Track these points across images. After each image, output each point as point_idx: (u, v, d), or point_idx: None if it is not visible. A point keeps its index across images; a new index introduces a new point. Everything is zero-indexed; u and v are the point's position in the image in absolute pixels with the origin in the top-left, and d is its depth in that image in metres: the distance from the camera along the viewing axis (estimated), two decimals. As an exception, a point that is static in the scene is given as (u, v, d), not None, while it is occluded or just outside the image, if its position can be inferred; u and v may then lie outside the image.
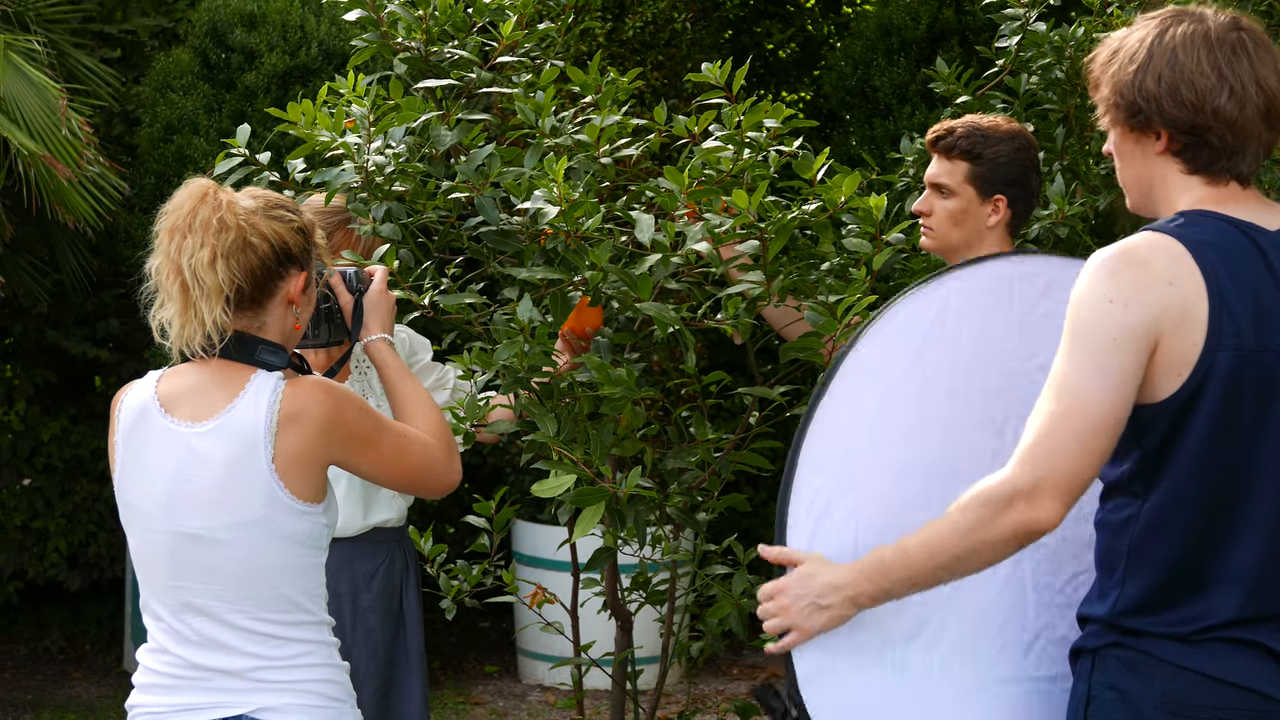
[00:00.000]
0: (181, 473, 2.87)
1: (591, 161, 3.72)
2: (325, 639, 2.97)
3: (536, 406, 3.52)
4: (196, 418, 2.88)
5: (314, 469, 2.89)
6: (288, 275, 2.92)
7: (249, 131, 3.86)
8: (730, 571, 3.97)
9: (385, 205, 3.66)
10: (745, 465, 3.80)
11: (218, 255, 2.83)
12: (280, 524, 2.87)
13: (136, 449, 2.91)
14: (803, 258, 3.73)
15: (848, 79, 7.89)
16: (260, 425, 2.84)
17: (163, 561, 2.90)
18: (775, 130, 3.71)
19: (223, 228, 2.84)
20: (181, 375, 2.93)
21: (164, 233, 2.89)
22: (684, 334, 3.45)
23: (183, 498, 2.87)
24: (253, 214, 2.88)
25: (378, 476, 3.01)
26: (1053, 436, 2.59)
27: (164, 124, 7.19)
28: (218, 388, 2.88)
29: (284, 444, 2.85)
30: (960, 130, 3.96)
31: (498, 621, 8.38)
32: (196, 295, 2.83)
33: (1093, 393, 2.58)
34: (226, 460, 2.85)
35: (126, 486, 2.93)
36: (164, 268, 2.87)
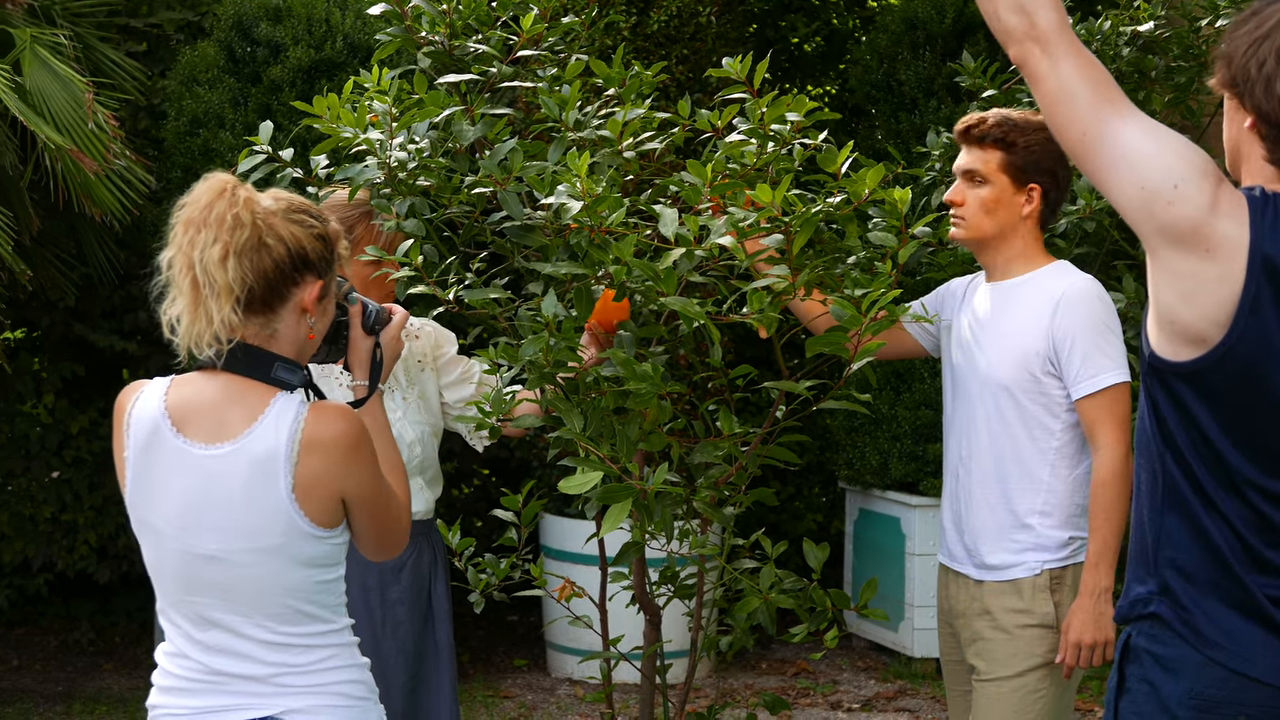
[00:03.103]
0: (196, 495, 2.81)
1: (615, 156, 3.71)
2: (346, 641, 2.95)
3: (562, 401, 3.52)
4: (210, 439, 2.81)
5: (332, 496, 2.83)
6: (302, 282, 2.84)
7: (272, 128, 3.87)
8: (758, 566, 3.97)
9: (409, 200, 3.66)
10: (772, 459, 3.80)
11: (230, 252, 2.75)
12: (298, 549, 2.82)
13: (147, 467, 2.85)
14: (828, 251, 3.73)
15: (873, 73, 7.87)
16: (280, 451, 2.78)
17: (177, 578, 2.86)
18: (799, 124, 3.71)
19: (237, 224, 2.76)
20: (192, 388, 2.86)
21: (179, 225, 2.82)
22: (709, 328, 3.44)
23: (198, 520, 2.82)
24: (271, 214, 2.81)
25: (357, 519, 2.90)
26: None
27: (189, 118, 7.20)
28: (233, 406, 2.82)
29: (304, 470, 2.79)
30: (993, 120, 3.95)
31: (526, 615, 8.39)
32: (206, 292, 2.75)
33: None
34: (244, 485, 2.79)
35: (138, 503, 2.87)
36: (176, 261, 2.80)
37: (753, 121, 3.70)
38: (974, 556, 4.03)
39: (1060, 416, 3.91)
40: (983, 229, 3.97)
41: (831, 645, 3.89)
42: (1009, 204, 3.96)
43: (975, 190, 3.97)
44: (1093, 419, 3.85)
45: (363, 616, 3.94)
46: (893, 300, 3.46)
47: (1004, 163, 3.95)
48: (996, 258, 4.01)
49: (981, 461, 3.99)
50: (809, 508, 8.71)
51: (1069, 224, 4.39)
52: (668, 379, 3.48)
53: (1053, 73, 2.61)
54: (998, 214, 3.96)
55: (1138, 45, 4.94)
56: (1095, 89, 2.59)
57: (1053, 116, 2.62)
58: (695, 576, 4.27)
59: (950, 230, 4.01)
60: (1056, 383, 3.89)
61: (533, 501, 4.19)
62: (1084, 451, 3.92)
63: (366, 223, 3.95)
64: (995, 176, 3.95)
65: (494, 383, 4.00)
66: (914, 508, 7.39)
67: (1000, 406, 3.94)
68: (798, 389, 3.64)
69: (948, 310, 4.13)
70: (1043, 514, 3.94)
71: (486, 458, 8.05)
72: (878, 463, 7.50)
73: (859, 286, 3.49)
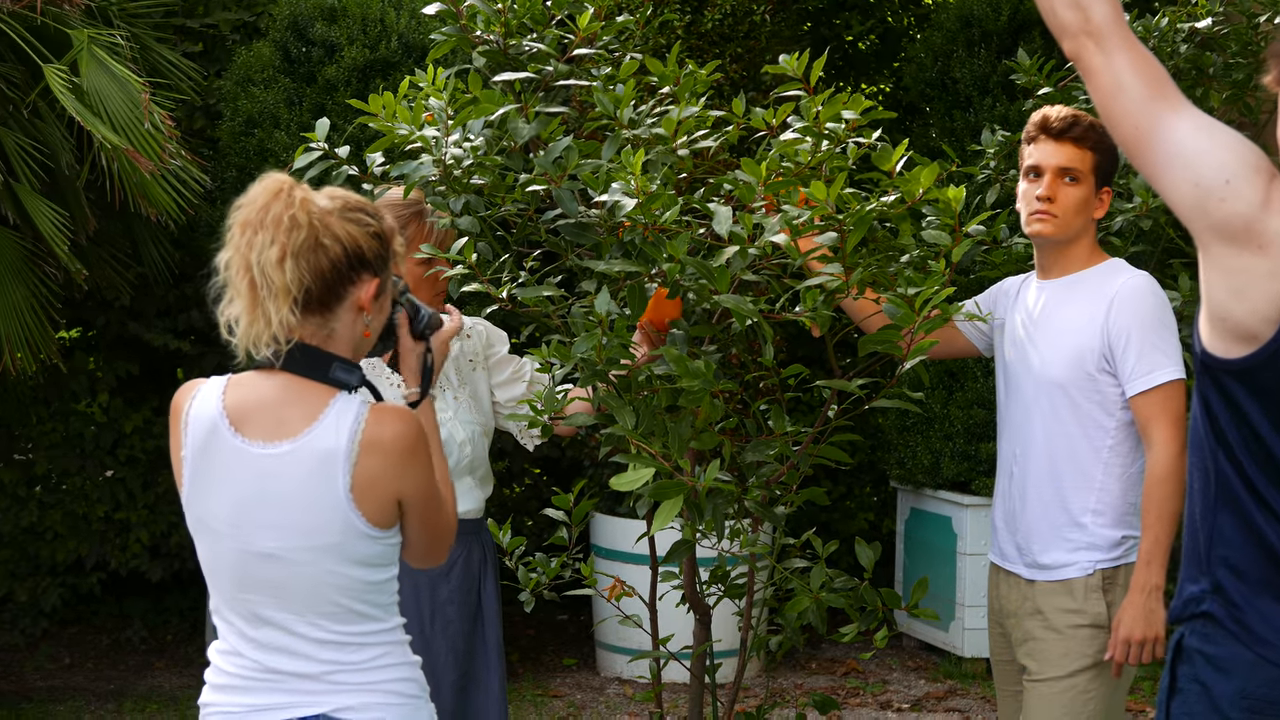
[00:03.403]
0: (253, 493, 2.83)
1: (669, 154, 3.72)
2: (399, 639, 2.96)
3: (614, 399, 3.53)
4: (269, 437, 2.83)
5: (389, 497, 2.85)
6: (359, 280, 2.85)
7: (328, 125, 3.89)
8: (809, 565, 3.97)
9: (463, 198, 3.68)
10: (824, 459, 3.80)
11: (287, 254, 2.76)
12: (353, 549, 2.84)
13: (205, 466, 2.87)
14: (881, 250, 3.73)
15: (928, 71, 7.86)
16: (340, 450, 2.80)
17: (231, 575, 2.88)
18: (854, 122, 3.71)
19: (294, 225, 2.77)
20: (250, 387, 2.88)
21: (236, 227, 2.82)
22: (762, 326, 3.45)
23: (254, 518, 2.84)
24: (328, 214, 2.82)
25: (410, 522, 2.92)
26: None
27: (245, 118, 7.25)
28: (291, 406, 2.84)
29: (363, 470, 2.81)
30: (1084, 119, 3.96)
31: (576, 614, 8.40)
32: (264, 294, 2.76)
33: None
34: (302, 484, 2.82)
35: (195, 501, 2.89)
36: (233, 263, 2.81)
37: (807, 119, 3.70)
38: (1026, 556, 4.03)
39: (1114, 414, 3.90)
40: (1072, 227, 3.98)
41: (881, 645, 3.89)
42: (1090, 204, 3.98)
43: (1069, 188, 3.96)
44: (1147, 416, 3.84)
45: (413, 615, 3.96)
46: (946, 299, 3.45)
47: (1095, 164, 3.97)
48: (1060, 256, 4.00)
49: (1035, 460, 3.98)
50: (860, 507, 8.70)
51: (1125, 222, 4.37)
52: (720, 377, 3.48)
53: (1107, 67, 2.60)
54: (1084, 214, 3.98)
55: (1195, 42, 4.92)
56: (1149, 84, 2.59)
57: (1107, 112, 2.62)
58: (746, 576, 4.27)
59: (1034, 226, 3.99)
60: (1111, 380, 3.88)
61: (584, 501, 4.19)
62: (1138, 450, 3.91)
63: (420, 221, 3.97)
64: (1088, 177, 3.97)
65: (546, 381, 4.01)
66: (965, 507, 7.37)
67: (1054, 404, 3.93)
68: (850, 388, 3.65)
69: (1001, 309, 4.13)
70: (1096, 513, 3.93)
71: (537, 457, 8.07)
72: (930, 462, 7.49)
73: (912, 285, 3.49)
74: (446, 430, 4.00)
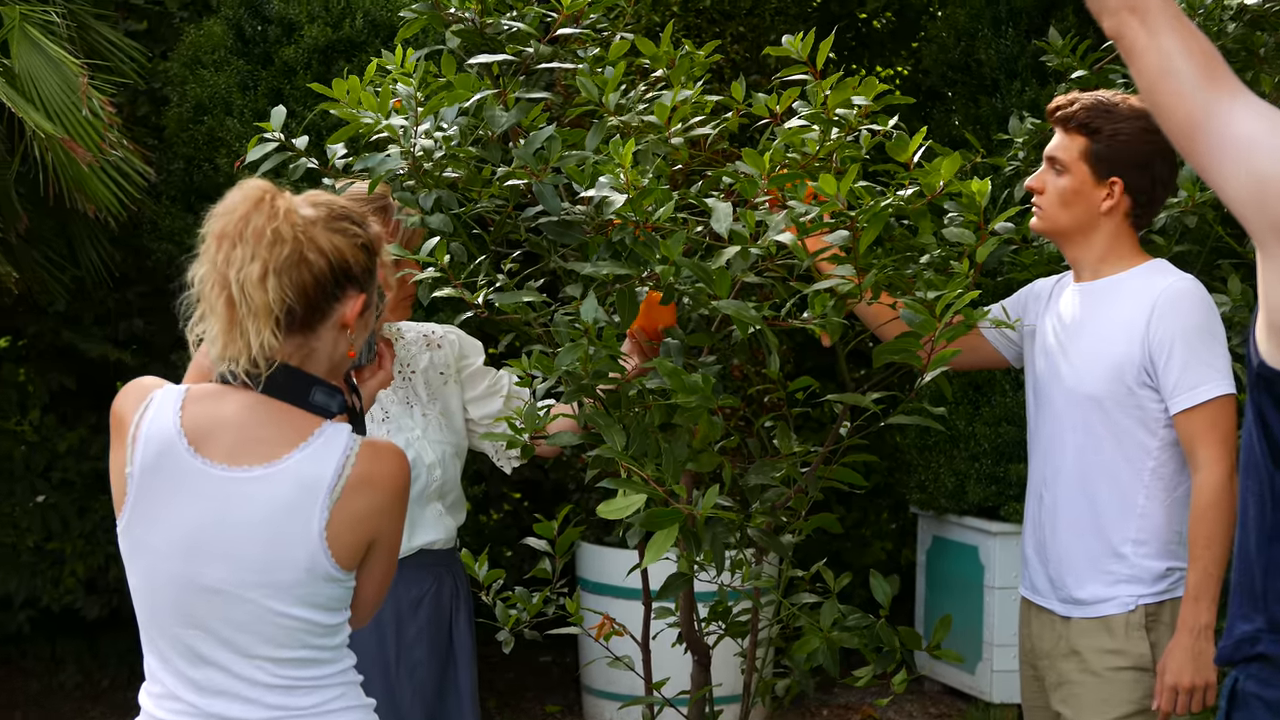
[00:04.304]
0: (209, 519, 2.83)
1: (663, 144, 3.72)
2: (351, 679, 2.97)
3: (602, 417, 3.52)
4: (236, 460, 2.83)
5: (364, 539, 2.86)
6: (344, 297, 2.86)
7: (285, 113, 3.89)
8: (819, 600, 3.97)
9: (435, 194, 3.68)
10: (835, 481, 3.80)
11: (269, 270, 2.76)
12: (313, 589, 2.84)
13: (155, 486, 2.85)
14: (899, 250, 3.73)
15: (950, 52, 7.87)
16: (323, 484, 2.81)
17: (172, 610, 2.87)
18: (867, 108, 3.71)
19: (277, 239, 2.77)
20: (211, 403, 2.87)
21: (211, 238, 2.81)
22: (766, 335, 3.44)
23: (206, 547, 2.83)
24: (312, 225, 2.81)
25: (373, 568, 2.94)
26: None
27: (194, 103, 7.25)
28: (266, 428, 2.84)
29: (346, 508, 2.82)
30: (1083, 102, 3.96)
31: (560, 656, 8.40)
32: (243, 313, 2.77)
33: None
34: (270, 515, 2.81)
35: (137, 524, 2.87)
36: (209, 278, 2.80)
37: (815, 106, 3.71)
38: (1060, 590, 4.03)
39: (1157, 433, 3.90)
40: (1058, 222, 3.99)
41: (900, 689, 3.89)
42: (1087, 197, 3.96)
43: (1055, 179, 3.98)
44: (1193, 435, 3.84)
45: (375, 657, 3.95)
46: (970, 303, 3.45)
47: (1085, 151, 3.95)
48: (1082, 255, 4.01)
49: (1068, 484, 3.98)
50: (876, 535, 8.70)
51: (1168, 219, 4.38)
52: (719, 392, 3.48)
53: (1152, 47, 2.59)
54: (1074, 207, 3.96)
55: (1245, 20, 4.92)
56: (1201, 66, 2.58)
57: (1152, 97, 2.61)
58: (749, 612, 4.27)
59: (1030, 221, 4.02)
60: (1152, 395, 3.88)
61: (569, 529, 4.19)
62: (1183, 472, 3.91)
63: (385, 218, 3.96)
64: (1074, 165, 3.96)
65: (526, 396, 4.01)
66: (994, 535, 7.37)
67: (1089, 422, 3.93)
68: (864, 403, 3.65)
69: (1031, 314, 4.13)
70: (1137, 542, 3.93)
71: (517, 480, 8.06)
72: (953, 485, 7.49)
73: (933, 288, 3.49)
74: (414, 451, 4.00)
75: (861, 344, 4.13)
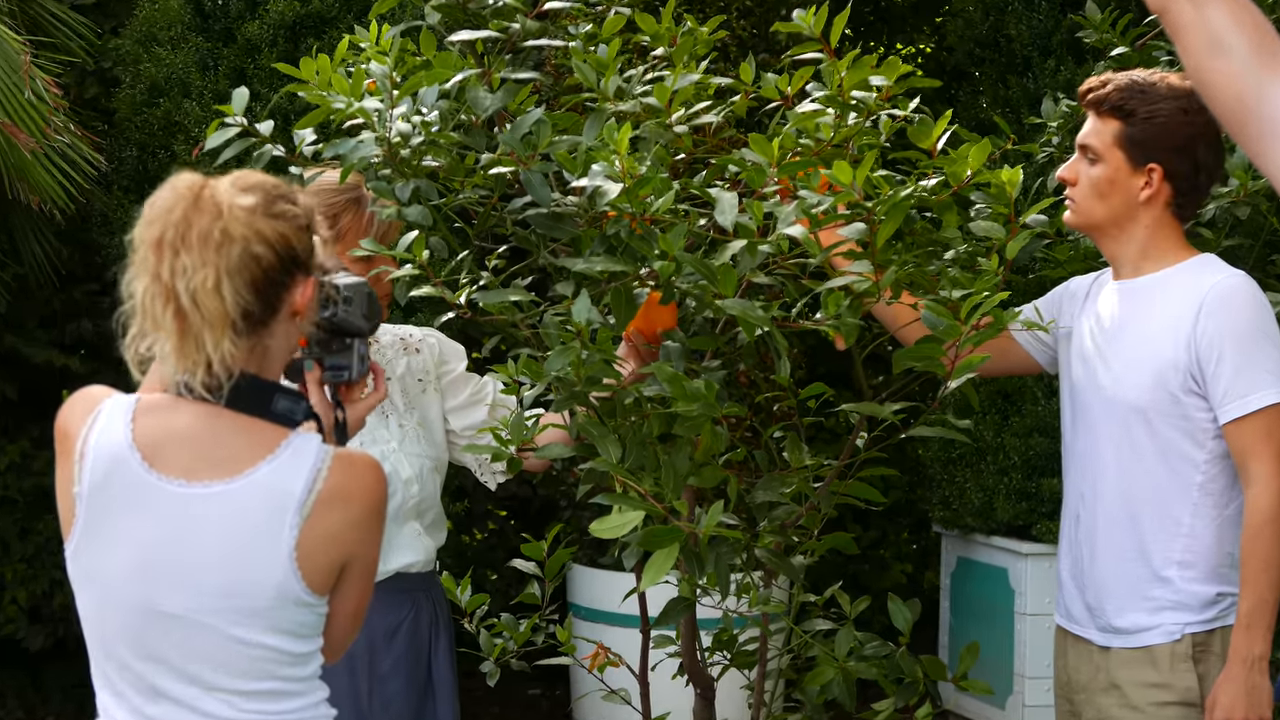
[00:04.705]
0: (167, 541, 2.82)
1: (663, 129, 3.73)
2: (323, 714, 2.97)
3: (596, 427, 3.53)
4: (194, 475, 2.83)
5: (338, 560, 2.87)
6: (294, 285, 2.85)
7: (248, 95, 3.89)
8: (833, 627, 3.97)
9: (413, 184, 3.68)
10: (851, 498, 3.80)
11: (222, 275, 2.74)
12: (282, 615, 2.84)
13: (106, 506, 2.84)
14: (920, 245, 3.73)
15: (977, 28, 7.88)
16: (293, 499, 2.81)
17: (127, 640, 2.86)
18: (887, 90, 3.72)
19: (226, 240, 2.75)
20: (165, 414, 2.86)
21: (147, 246, 2.77)
22: (775, 337, 3.45)
23: (166, 572, 2.82)
24: (253, 214, 2.79)
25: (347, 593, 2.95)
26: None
27: (148, 84, 7.25)
28: (227, 438, 2.84)
29: (317, 525, 2.82)
30: (1116, 83, 3.96)
31: (550, 688, 8.40)
32: (197, 325, 2.75)
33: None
34: (234, 534, 2.81)
35: (87, 548, 2.86)
36: (151, 290, 2.77)
37: (830, 88, 3.71)
38: (1098, 617, 4.03)
39: (1205, 445, 3.90)
40: (1093, 215, 3.99)
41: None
42: (1124, 186, 3.96)
43: (1089, 168, 3.98)
44: (1245, 447, 3.84)
45: (346, 690, 3.94)
46: (1000, 304, 3.46)
47: (1120, 136, 3.95)
48: (1120, 250, 4.01)
49: (1108, 501, 3.99)
50: (896, 556, 8.71)
51: (1217, 210, 4.38)
52: (724, 399, 3.48)
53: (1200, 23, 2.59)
54: (1110, 198, 3.96)
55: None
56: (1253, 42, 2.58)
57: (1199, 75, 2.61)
58: (757, 641, 4.27)
59: (1064, 215, 4.02)
60: (1200, 403, 3.88)
61: (559, 550, 4.20)
62: (1234, 488, 3.91)
63: (357, 209, 3.97)
64: (1109, 152, 3.96)
65: (512, 404, 4.01)
66: (1025, 557, 7.38)
67: (1131, 433, 3.93)
68: (883, 412, 3.65)
69: (1067, 315, 4.13)
70: (1184, 565, 3.93)
71: (502, 497, 8.07)
72: (981, 502, 7.50)
73: (958, 287, 3.49)
74: (390, 465, 4.00)
75: (880, 348, 4.14)
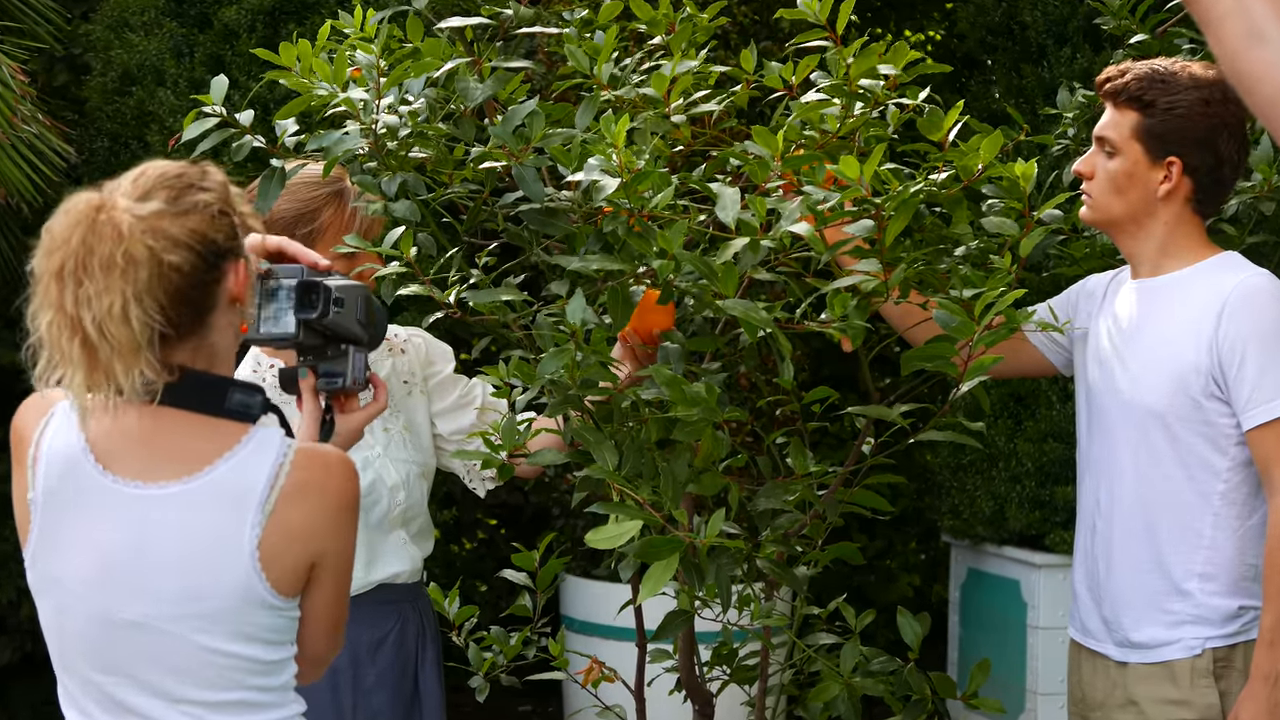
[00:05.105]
0: (126, 546, 2.82)
1: (661, 121, 3.73)
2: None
3: (591, 432, 3.53)
4: (150, 476, 2.83)
5: (306, 560, 2.87)
6: (224, 274, 2.83)
7: (226, 84, 3.89)
8: (838, 641, 3.98)
9: (399, 177, 3.68)
10: (857, 506, 3.80)
11: (130, 301, 2.70)
12: (248, 619, 2.85)
13: (61, 511, 2.85)
14: (930, 242, 3.74)
15: (990, 13, 7.88)
16: (254, 496, 2.81)
17: (88, 651, 2.87)
18: (895, 79, 3.72)
19: (131, 263, 2.70)
20: (118, 416, 2.84)
21: (49, 278, 2.73)
22: (778, 339, 3.45)
23: (124, 577, 2.83)
24: (159, 220, 2.74)
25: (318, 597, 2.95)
26: None
27: (120, 72, 7.24)
28: (182, 438, 2.84)
29: (282, 521, 2.82)
30: (1135, 72, 3.96)
31: (542, 704, 8.40)
32: (106, 354, 2.71)
33: None
34: (194, 533, 2.81)
35: (44, 554, 2.87)
36: (56, 322, 2.73)
37: (836, 76, 3.72)
38: (1115, 631, 4.04)
39: (1228, 452, 3.91)
40: (1110, 210, 3.99)
41: (932, 743, 3.91)
42: (1142, 181, 3.96)
43: (1106, 161, 3.99)
44: (1269, 455, 3.85)
45: (328, 705, 3.95)
46: (1013, 303, 3.46)
47: (1139, 128, 3.95)
48: (1139, 247, 4.02)
49: (1125, 510, 3.99)
50: (904, 567, 8.71)
51: (1240, 205, 4.38)
52: (725, 403, 3.49)
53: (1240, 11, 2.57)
54: (1128, 193, 3.97)
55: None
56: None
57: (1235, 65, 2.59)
58: (758, 655, 4.28)
59: (1080, 211, 4.03)
60: (1222, 408, 3.89)
61: (552, 560, 4.20)
62: (1258, 497, 3.92)
63: (339, 205, 3.96)
64: (1127, 145, 3.96)
65: (503, 408, 4.02)
66: (1038, 568, 7.38)
67: (1150, 439, 3.94)
68: (891, 416, 3.66)
69: (1083, 315, 4.14)
70: (1204, 577, 3.94)
71: (493, 504, 8.07)
72: (992, 511, 7.50)
73: (970, 285, 3.50)
74: (374, 472, 4.00)
75: (887, 349, 4.15)
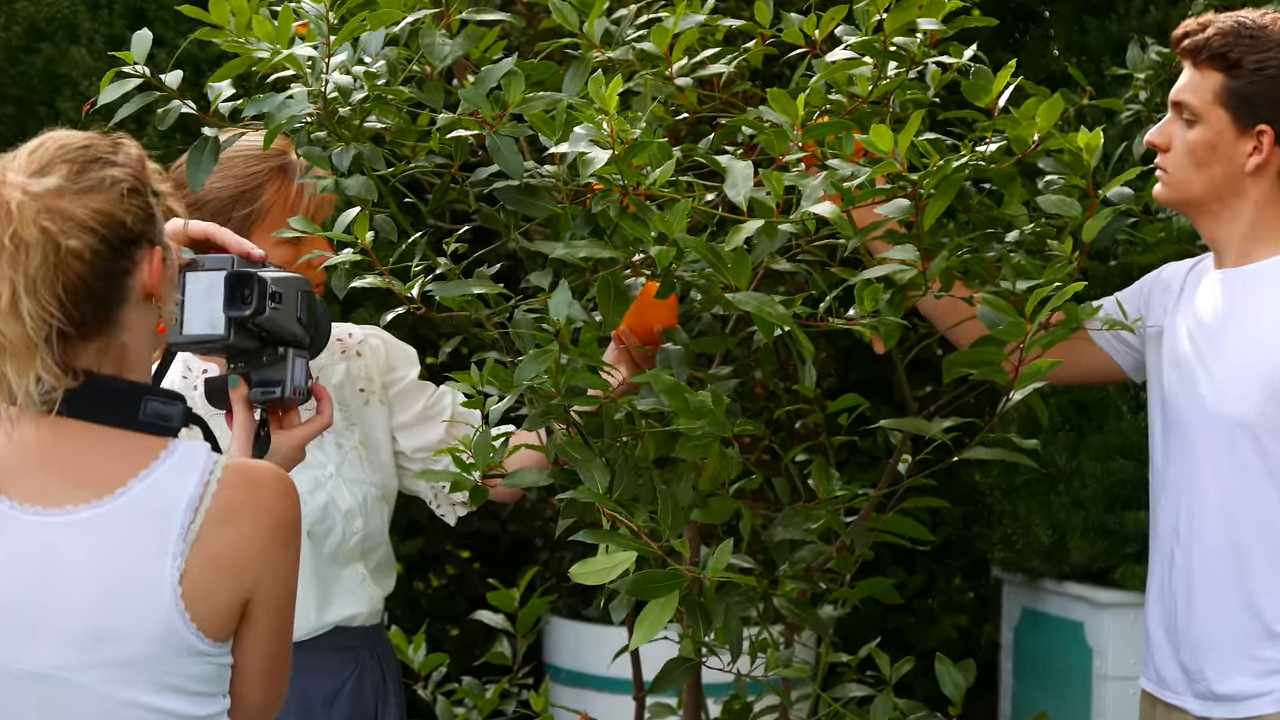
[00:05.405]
0: (24, 582, 2.81)
1: (662, 82, 3.73)
2: None
3: (579, 448, 3.53)
4: (53, 501, 2.82)
5: (238, 594, 2.85)
6: (136, 264, 2.82)
7: (150, 40, 3.88)
8: (870, 694, 3.98)
9: (353, 149, 3.68)
10: (892, 535, 3.80)
11: (20, 292, 2.71)
12: (170, 666, 2.83)
13: None
14: (978, 225, 3.74)
15: (1046, -44, 7.89)
16: (175, 521, 2.80)
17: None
18: (935, 34, 3.72)
19: (20, 247, 2.71)
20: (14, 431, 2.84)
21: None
22: (799, 339, 3.45)
23: (22, 620, 2.82)
24: (57, 199, 2.74)
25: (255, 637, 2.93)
26: None
27: (26, 26, 7.25)
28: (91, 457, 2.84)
29: (207, 551, 2.80)
30: (1218, 26, 3.94)
31: (523, 767, 8.40)
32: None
33: None
34: (105, 569, 2.80)
35: None
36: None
37: (866, 32, 3.71)
38: (1197, 682, 4.04)
39: (1328, 471, 3.91)
40: (1190, 188, 3.97)
41: (980, 812, 3.92)
42: (1227, 153, 3.94)
43: (1184, 131, 3.97)
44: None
45: (278, 766, 3.96)
46: (1074, 297, 3.46)
47: (1223, 91, 3.93)
48: (1223, 231, 4.01)
49: (1208, 538, 3.99)
50: (947, 607, 8.72)
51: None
52: (736, 415, 3.49)
53: None
54: (1210, 168, 3.95)
55: None
56: None
57: None
58: (775, 711, 4.28)
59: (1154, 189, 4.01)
60: (1323, 420, 3.89)
61: (534, 599, 4.20)
62: (1364, 524, 3.92)
63: (283, 181, 3.96)
64: (1209, 111, 3.94)
65: (476, 420, 4.01)
66: (1104, 608, 7.38)
67: (1238, 455, 3.93)
68: (931, 430, 3.65)
69: (1157, 311, 4.13)
70: (1300, 619, 3.94)
71: (464, 534, 8.07)
72: (1051, 541, 7.50)
73: (1023, 276, 3.50)
74: (325, 495, 3.99)
75: (927, 351, 4.14)
